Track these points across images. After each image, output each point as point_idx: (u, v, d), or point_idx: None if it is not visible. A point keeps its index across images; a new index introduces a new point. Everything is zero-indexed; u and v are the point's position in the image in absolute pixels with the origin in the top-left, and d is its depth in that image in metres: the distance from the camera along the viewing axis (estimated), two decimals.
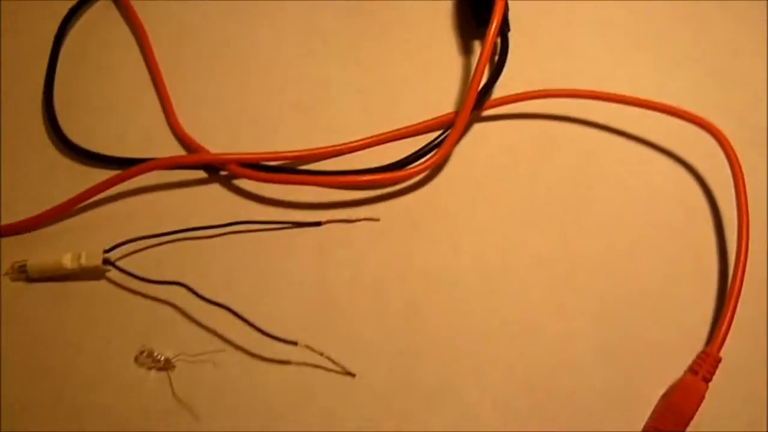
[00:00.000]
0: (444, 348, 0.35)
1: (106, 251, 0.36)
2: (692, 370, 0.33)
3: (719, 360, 0.33)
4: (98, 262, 0.36)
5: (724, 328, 0.33)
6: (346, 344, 0.35)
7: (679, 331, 0.35)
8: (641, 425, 0.33)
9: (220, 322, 0.36)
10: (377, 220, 0.37)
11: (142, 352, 0.35)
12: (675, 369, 0.33)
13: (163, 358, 0.35)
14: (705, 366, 0.32)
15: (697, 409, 0.32)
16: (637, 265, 0.36)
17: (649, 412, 0.33)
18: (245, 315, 0.35)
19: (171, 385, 0.35)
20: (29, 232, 0.38)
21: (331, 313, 0.36)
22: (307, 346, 0.34)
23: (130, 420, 0.34)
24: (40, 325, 0.36)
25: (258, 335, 0.34)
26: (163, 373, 0.35)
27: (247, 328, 0.34)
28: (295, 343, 0.33)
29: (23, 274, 0.37)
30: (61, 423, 0.34)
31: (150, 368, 0.35)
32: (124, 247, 0.37)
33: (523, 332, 0.35)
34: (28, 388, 0.35)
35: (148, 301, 0.37)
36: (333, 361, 0.34)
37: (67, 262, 0.36)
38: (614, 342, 0.35)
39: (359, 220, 0.37)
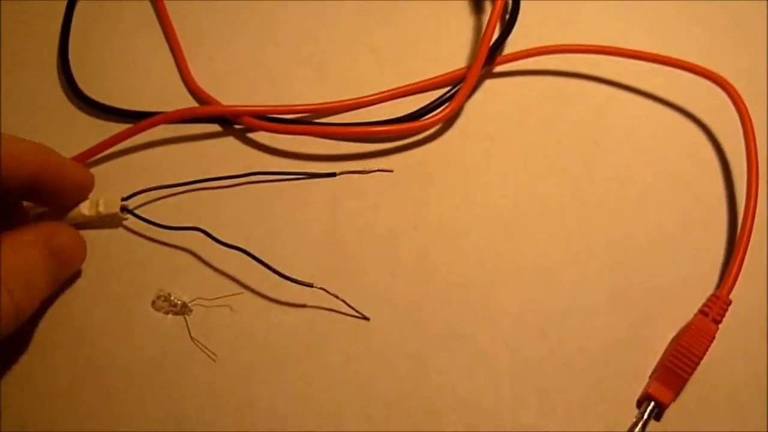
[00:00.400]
0: (455, 295, 0.35)
1: (124, 199, 0.37)
2: (702, 312, 0.33)
3: (729, 302, 0.33)
4: (116, 209, 0.36)
5: (734, 271, 0.33)
6: (359, 291, 0.35)
7: (690, 278, 0.35)
8: (652, 368, 0.33)
9: (236, 267, 0.36)
10: (390, 171, 0.38)
11: (159, 297, 0.36)
12: (685, 314, 0.34)
13: (179, 303, 0.35)
14: (715, 308, 0.33)
15: (707, 350, 0.32)
16: (647, 215, 0.37)
17: (659, 356, 0.33)
18: (256, 265, 0.35)
19: (188, 328, 0.35)
20: None
21: (344, 262, 0.36)
22: (323, 288, 0.34)
23: (148, 363, 0.34)
24: None
25: (273, 280, 0.35)
26: (179, 318, 0.35)
27: (263, 272, 0.35)
28: (311, 285, 0.34)
29: None
30: (79, 366, 0.34)
31: (167, 312, 0.36)
32: (140, 195, 0.37)
33: (533, 279, 0.35)
34: (46, 334, 0.35)
35: (165, 248, 0.37)
36: (347, 304, 0.34)
37: (85, 209, 0.37)
38: (625, 288, 0.35)
39: (373, 171, 0.38)
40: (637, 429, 0.32)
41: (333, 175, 0.38)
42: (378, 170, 0.38)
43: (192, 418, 0.33)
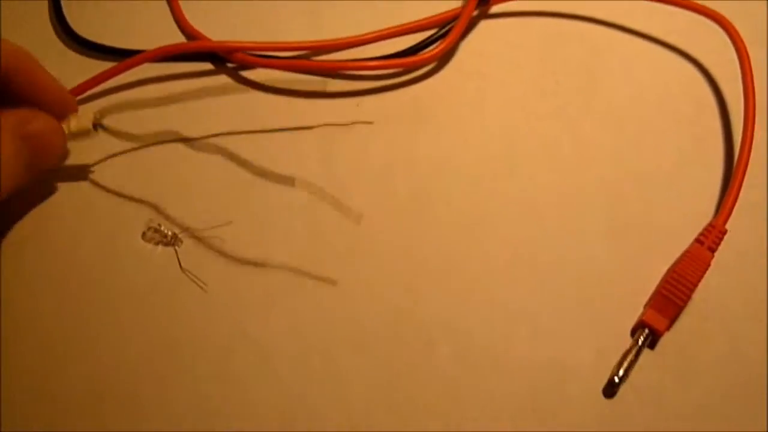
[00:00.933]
0: (449, 229, 0.35)
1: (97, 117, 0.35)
2: (698, 240, 0.33)
3: (725, 232, 0.33)
4: (88, 125, 0.35)
5: (730, 202, 0.33)
6: (353, 224, 0.35)
7: (685, 214, 0.35)
8: (646, 299, 0.33)
9: (226, 197, 0.36)
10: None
11: (149, 228, 0.35)
12: (680, 248, 0.34)
13: (170, 234, 0.35)
14: (711, 237, 0.33)
15: (702, 277, 0.32)
16: (644, 152, 0.37)
17: (654, 288, 0.33)
18: (248, 196, 0.36)
19: (178, 259, 0.35)
20: None
21: (338, 195, 0.36)
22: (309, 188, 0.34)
23: (138, 293, 0.34)
24: (44, 203, 0.36)
25: (264, 210, 0.35)
26: (170, 249, 0.35)
27: (253, 201, 0.35)
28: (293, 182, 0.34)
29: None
30: (67, 298, 0.34)
31: (157, 244, 0.35)
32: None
33: (528, 214, 0.35)
34: (33, 265, 0.35)
35: (154, 179, 0.37)
36: (341, 205, 0.34)
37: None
38: (621, 223, 0.35)
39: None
40: (630, 356, 0.31)
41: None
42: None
43: (184, 347, 0.33)
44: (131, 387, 0.32)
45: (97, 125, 0.35)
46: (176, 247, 0.35)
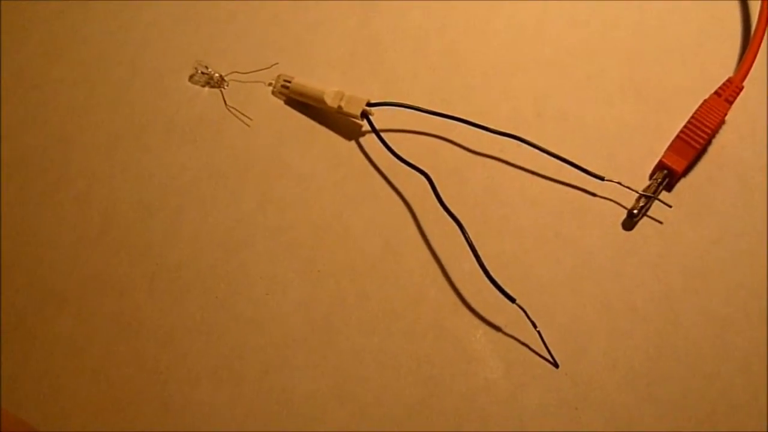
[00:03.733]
0: (479, 81, 0.37)
1: (369, 105, 0.35)
2: (716, 92, 0.35)
3: (741, 88, 0.35)
4: (357, 111, 0.35)
5: (748, 60, 0.35)
6: (389, 78, 0.37)
7: (703, 74, 0.36)
8: (663, 149, 0.34)
9: (272, 40, 0.38)
10: None
11: (196, 70, 0.37)
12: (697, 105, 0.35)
13: (216, 75, 0.37)
14: (728, 90, 0.34)
15: (718, 124, 0.34)
16: (665, 21, 0.38)
17: (671, 140, 0.35)
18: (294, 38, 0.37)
19: (224, 98, 0.37)
20: None
21: (375, 54, 0.38)
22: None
23: (185, 127, 0.36)
24: (96, 44, 0.39)
25: (306, 57, 0.37)
26: (216, 90, 0.37)
27: (298, 47, 0.37)
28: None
29: (285, 88, 0.37)
30: (116, 127, 0.37)
31: (204, 86, 0.37)
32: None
33: (552, 68, 0.37)
34: (86, 101, 0.37)
35: (204, 22, 0.38)
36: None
37: (329, 98, 0.36)
38: (642, 79, 0.37)
39: None
40: (648, 193, 0.33)
41: None
42: None
43: (228, 173, 0.35)
44: (177, 205, 0.34)
45: (365, 114, 0.35)
46: (222, 89, 0.37)
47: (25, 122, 0.36)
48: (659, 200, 0.33)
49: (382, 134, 0.34)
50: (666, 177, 0.33)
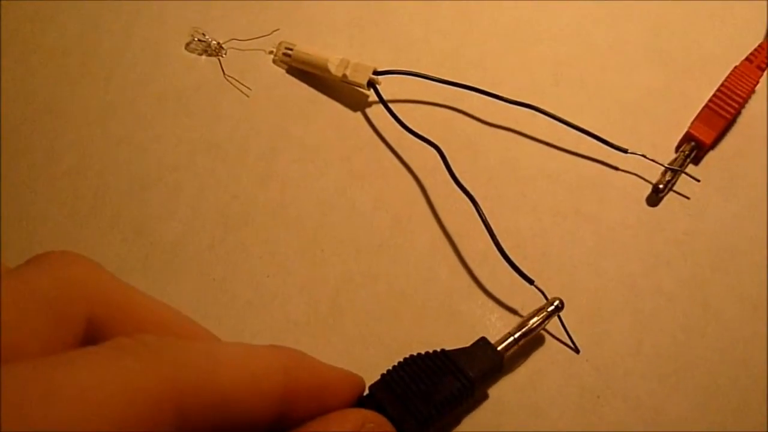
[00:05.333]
0: (492, 46, 0.35)
1: (376, 73, 0.33)
2: (748, 59, 0.32)
3: None
4: (364, 80, 0.33)
5: None
6: (398, 41, 0.36)
7: (731, 42, 0.34)
8: (690, 120, 0.32)
9: (272, 3, 0.36)
10: None
11: (193, 38, 0.35)
12: (726, 74, 0.33)
13: (214, 43, 0.35)
14: (761, 56, 0.32)
15: (750, 92, 0.32)
16: None
17: (698, 111, 0.33)
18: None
19: (221, 67, 0.35)
20: None
21: (383, 20, 0.36)
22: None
23: (181, 95, 0.34)
24: (93, 11, 0.37)
25: (309, 23, 0.36)
26: (214, 59, 0.35)
27: (302, 13, 0.35)
28: None
29: (287, 56, 0.35)
30: (109, 97, 0.35)
31: (201, 54, 0.35)
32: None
33: (572, 37, 0.35)
34: (80, 68, 0.35)
35: None
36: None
37: (333, 67, 0.34)
38: (667, 46, 0.35)
39: None
40: (674, 166, 0.31)
41: None
42: None
43: (226, 146, 0.33)
44: (172, 180, 0.32)
45: (371, 84, 0.33)
46: (220, 57, 0.35)
47: (13, 93, 0.34)
48: (686, 174, 0.31)
49: (390, 105, 0.32)
50: (693, 149, 0.31)
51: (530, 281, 0.28)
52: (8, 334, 0.15)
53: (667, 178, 0.31)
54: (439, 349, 0.25)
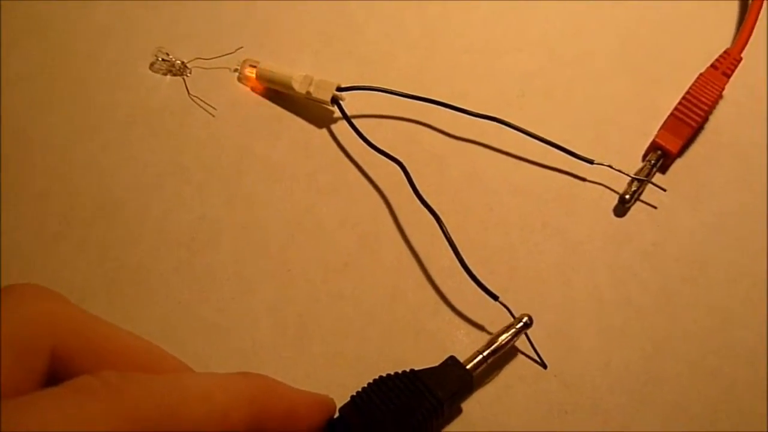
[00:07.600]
0: (461, 60, 0.35)
1: (339, 90, 0.33)
2: (713, 65, 0.32)
3: (740, 59, 0.32)
4: (327, 97, 0.33)
5: (746, 31, 0.33)
6: (363, 57, 0.35)
7: (699, 49, 0.34)
8: (657, 128, 0.32)
9: (233, 24, 0.36)
10: None
11: (157, 58, 0.35)
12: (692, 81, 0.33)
13: (178, 63, 0.35)
14: (725, 63, 0.32)
15: (715, 99, 0.32)
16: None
17: (665, 118, 0.32)
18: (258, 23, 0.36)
19: (186, 87, 0.34)
20: None
21: (349, 31, 0.36)
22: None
23: (147, 118, 0.34)
24: (53, 35, 0.37)
25: (271, 41, 0.36)
26: (178, 78, 0.35)
27: (263, 31, 0.36)
28: None
29: (251, 75, 0.34)
30: (75, 124, 0.34)
31: (165, 74, 0.35)
32: None
33: (539, 49, 0.35)
34: (43, 93, 0.35)
35: (166, 8, 0.36)
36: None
37: (296, 84, 0.33)
38: (633, 53, 0.35)
39: None
40: (641, 176, 0.31)
41: None
42: None
43: (192, 167, 0.33)
44: (137, 203, 0.32)
45: (335, 100, 0.33)
46: (185, 77, 0.35)
47: None
48: (653, 183, 0.31)
49: (355, 120, 0.32)
50: (660, 158, 0.31)
51: (495, 297, 0.27)
52: None
53: (634, 188, 0.31)
54: (408, 370, 0.24)
